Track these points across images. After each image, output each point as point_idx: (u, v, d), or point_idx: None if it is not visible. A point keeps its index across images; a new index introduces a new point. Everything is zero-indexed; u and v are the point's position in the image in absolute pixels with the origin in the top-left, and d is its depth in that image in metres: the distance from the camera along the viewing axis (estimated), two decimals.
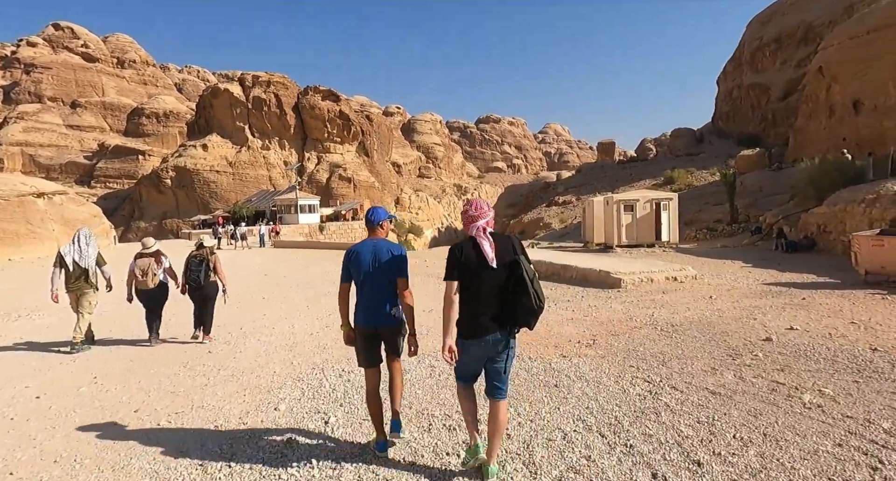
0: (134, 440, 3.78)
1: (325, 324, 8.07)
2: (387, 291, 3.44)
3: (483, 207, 3.11)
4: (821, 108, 30.74)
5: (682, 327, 7.01)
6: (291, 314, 9.24)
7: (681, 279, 11.52)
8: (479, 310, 2.97)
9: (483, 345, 2.98)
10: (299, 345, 6.73)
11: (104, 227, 29.05)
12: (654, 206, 20.85)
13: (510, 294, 2.94)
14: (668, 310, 8.36)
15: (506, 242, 3.05)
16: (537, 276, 3.04)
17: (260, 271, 17.87)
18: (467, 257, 2.98)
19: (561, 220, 42.98)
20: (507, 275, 2.95)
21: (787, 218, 19.63)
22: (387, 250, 3.49)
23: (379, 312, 3.42)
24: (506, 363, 3.08)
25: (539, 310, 2.95)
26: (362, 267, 3.43)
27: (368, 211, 3.72)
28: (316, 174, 61.15)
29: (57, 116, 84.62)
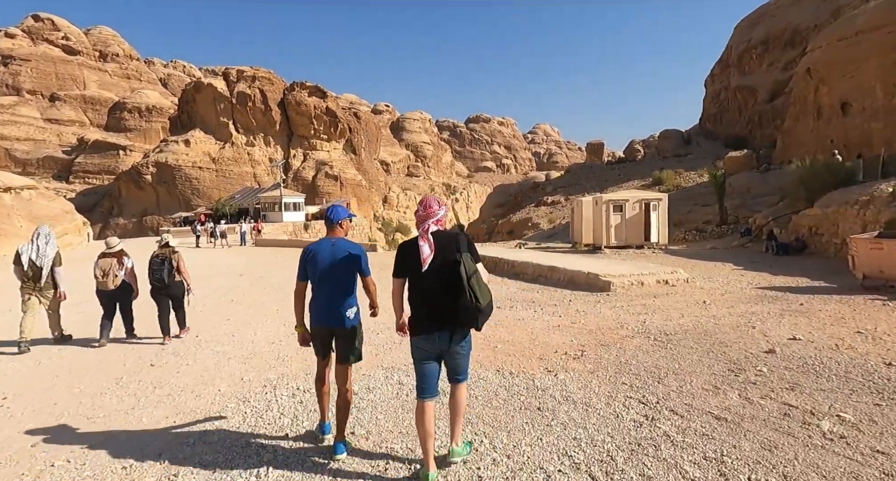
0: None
1: (291, 331, 7.39)
2: (344, 291, 3.38)
3: (433, 206, 3.09)
4: (808, 110, 30.68)
5: (677, 336, 6.47)
6: (257, 319, 8.54)
7: (672, 282, 11.04)
8: (424, 307, 3.00)
9: (432, 342, 3.00)
10: (256, 356, 6.05)
11: (76, 224, 27.92)
12: (643, 207, 20.44)
13: (450, 293, 2.91)
14: (660, 317, 7.84)
15: (449, 240, 3.02)
16: (479, 274, 2.98)
17: (235, 271, 17.10)
18: (411, 255, 3.01)
19: (549, 220, 42.61)
20: (447, 272, 2.93)
21: (777, 219, 19.34)
22: (345, 250, 3.41)
23: (335, 313, 3.36)
24: (461, 359, 3.10)
25: (477, 309, 2.88)
26: (319, 266, 3.36)
27: (328, 209, 3.64)
28: (302, 171, 60.05)
29: (34, 109, 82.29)
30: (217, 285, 13.38)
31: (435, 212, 3.08)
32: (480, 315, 2.93)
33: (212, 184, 56.22)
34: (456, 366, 3.11)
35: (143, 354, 6.33)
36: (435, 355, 3.05)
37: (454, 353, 3.06)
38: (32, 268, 6.58)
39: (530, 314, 8.56)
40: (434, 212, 3.08)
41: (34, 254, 6.60)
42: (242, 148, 58.86)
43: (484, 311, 2.94)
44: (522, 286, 12.07)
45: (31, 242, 6.69)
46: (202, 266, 19.39)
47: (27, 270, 6.57)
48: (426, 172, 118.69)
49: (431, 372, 3.07)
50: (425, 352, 3.05)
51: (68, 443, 3.60)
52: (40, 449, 3.55)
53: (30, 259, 6.57)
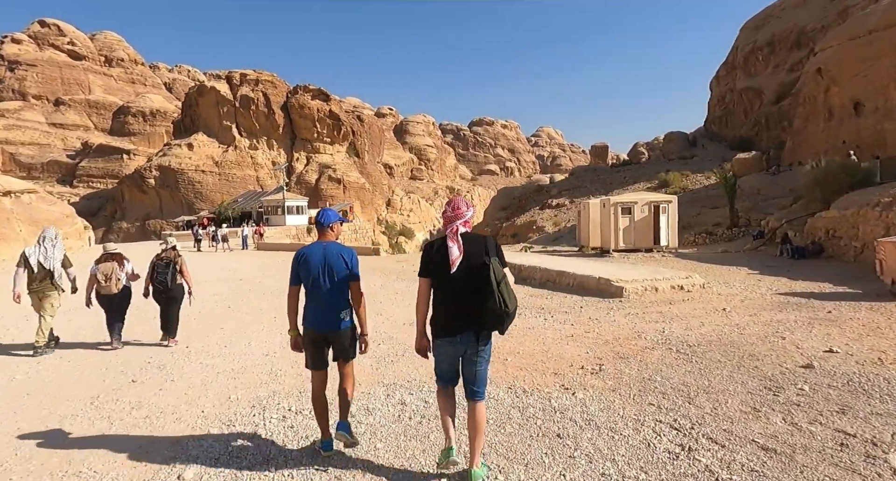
0: None
1: (287, 341, 6.97)
2: (337, 295, 3.39)
3: (461, 207, 3.06)
4: (819, 111, 30.14)
5: (701, 348, 5.99)
6: (253, 327, 8.11)
7: (687, 288, 10.55)
8: (448, 309, 2.98)
9: (454, 345, 2.99)
10: (248, 371, 5.61)
11: (77, 228, 27.66)
12: (652, 209, 19.94)
13: (477, 296, 2.89)
14: (679, 326, 7.36)
15: (478, 243, 3.00)
16: (507, 279, 2.95)
17: (236, 276, 16.70)
18: (438, 256, 2.97)
19: (554, 223, 42.11)
20: (475, 275, 2.92)
21: (790, 222, 18.79)
22: (337, 254, 3.41)
23: (328, 316, 3.37)
24: (480, 365, 3.05)
25: (505, 314, 2.87)
26: (311, 270, 3.36)
27: (318, 213, 3.61)
28: (305, 175, 59.78)
29: (39, 114, 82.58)
30: (215, 290, 12.97)
31: (463, 213, 3.04)
32: (507, 319, 2.92)
33: (215, 188, 56.00)
34: (475, 374, 3.06)
35: (128, 367, 5.91)
36: (456, 357, 3.06)
37: (475, 357, 3.03)
38: (41, 271, 6.57)
39: (540, 322, 8.09)
40: (462, 213, 3.04)
41: (42, 257, 6.58)
42: (245, 151, 58.68)
43: (510, 316, 2.92)
44: (530, 291, 11.60)
45: (37, 245, 6.68)
46: (202, 270, 19.00)
47: (36, 273, 6.55)
48: (430, 175, 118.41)
49: (451, 371, 3.10)
50: (447, 354, 3.05)
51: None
52: None
53: (38, 261, 6.56)
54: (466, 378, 3.08)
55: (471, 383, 3.07)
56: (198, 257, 24.80)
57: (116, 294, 6.76)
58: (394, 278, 15.00)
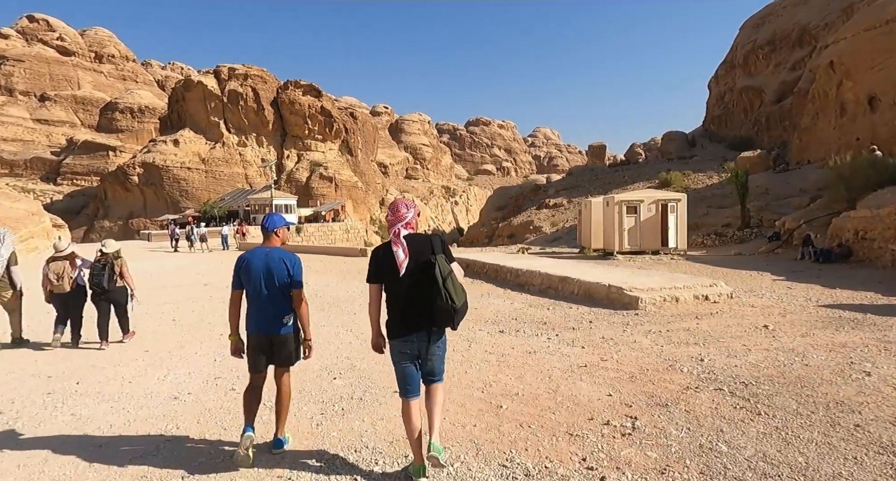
0: None
1: (218, 374, 5.38)
2: (278, 300, 3.36)
3: (401, 210, 3.07)
4: (830, 106, 28.77)
5: (763, 389, 4.45)
6: (186, 350, 6.52)
7: (713, 298, 9.02)
8: (400, 310, 3.00)
9: (408, 344, 3.01)
10: (133, 425, 4.01)
11: (44, 227, 25.87)
12: (660, 208, 18.44)
13: (427, 295, 2.91)
14: (719, 351, 5.83)
15: (423, 243, 3.02)
16: (454, 275, 2.97)
17: (202, 280, 15.09)
18: (385, 260, 3.01)
19: (552, 224, 40.66)
20: (423, 275, 2.93)
21: (809, 223, 17.34)
22: (279, 259, 3.39)
23: (270, 321, 3.35)
24: (435, 363, 3.10)
25: (454, 310, 2.89)
26: (252, 275, 3.35)
27: (264, 217, 3.61)
28: (295, 173, 58.00)
29: (24, 110, 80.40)
30: (170, 298, 11.36)
31: (404, 215, 3.06)
32: (456, 315, 2.94)
33: (201, 186, 54.10)
34: (432, 368, 3.11)
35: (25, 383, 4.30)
36: (413, 357, 3.06)
37: (431, 355, 3.07)
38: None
39: (543, 343, 6.55)
40: (403, 216, 3.06)
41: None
42: (234, 148, 56.81)
43: (459, 312, 2.94)
44: (529, 300, 10.07)
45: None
46: (167, 273, 17.38)
47: None
48: (425, 175, 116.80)
49: (412, 373, 3.09)
50: (404, 354, 3.05)
51: None
52: None
53: None
54: (424, 371, 3.11)
55: (429, 374, 3.11)
56: (171, 259, 23.14)
57: (70, 292, 6.75)
58: None
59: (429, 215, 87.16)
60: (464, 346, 6.49)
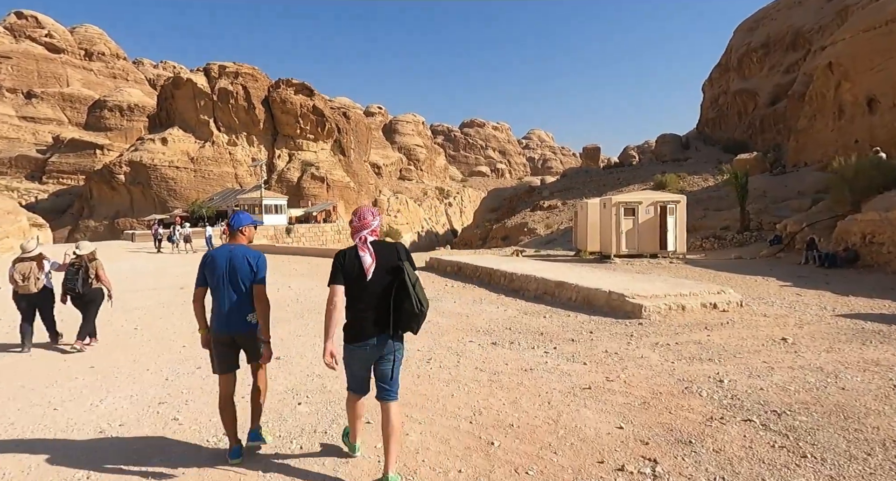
0: None
1: (163, 398, 4.63)
2: (242, 298, 3.37)
3: (367, 217, 3.12)
4: (828, 108, 28.42)
5: (800, 420, 3.80)
6: (138, 367, 5.77)
7: (722, 306, 8.40)
8: (361, 314, 3.01)
9: (366, 349, 3.03)
10: (29, 476, 3.27)
11: (21, 226, 24.92)
12: (658, 210, 17.87)
13: (393, 299, 2.98)
14: (738, 369, 5.19)
15: (389, 250, 3.09)
16: (420, 281, 3.05)
17: (179, 283, 14.27)
18: (350, 264, 3.02)
19: (546, 226, 40.10)
20: (389, 280, 3.00)
21: (812, 226, 16.83)
22: (242, 256, 3.39)
23: (233, 319, 3.36)
24: (392, 366, 3.10)
25: (421, 314, 2.98)
26: (216, 272, 3.37)
27: (231, 216, 3.66)
28: (286, 172, 57.03)
29: (9, 107, 78.71)
30: (138, 304, 10.58)
31: (370, 222, 3.10)
32: (422, 318, 3.01)
33: (190, 185, 52.97)
34: (388, 374, 3.09)
35: None
36: (370, 362, 3.08)
37: (388, 358, 3.07)
38: None
39: (540, 358, 5.89)
40: (369, 223, 3.10)
41: None
42: (224, 147, 55.73)
43: (424, 315, 3.01)
44: (524, 307, 9.41)
45: None
46: (144, 276, 16.55)
47: None
48: (419, 176, 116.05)
49: (363, 376, 3.13)
50: (362, 359, 3.07)
51: None
52: None
53: None
54: (379, 378, 3.10)
55: (383, 383, 3.10)
56: (152, 260, 22.24)
57: (36, 293, 6.62)
58: None
59: (422, 216, 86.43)
60: (452, 362, 5.81)
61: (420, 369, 5.54)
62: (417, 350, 6.44)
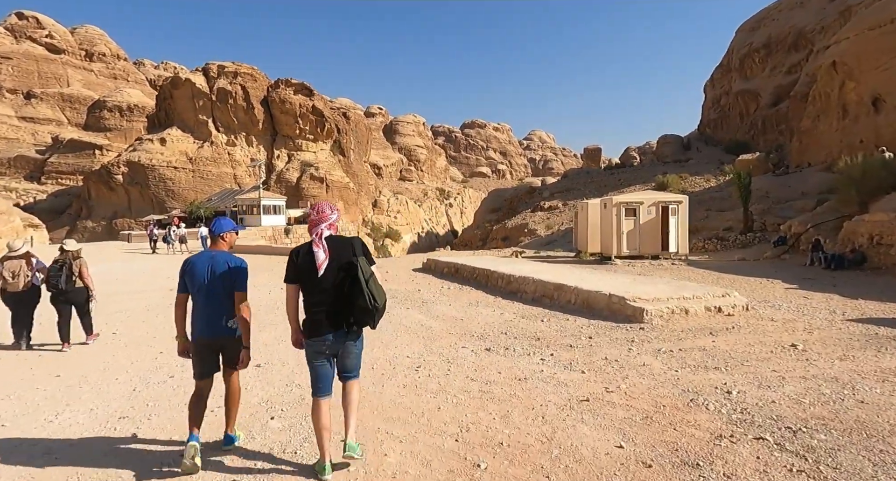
0: None
1: (125, 413, 4.29)
2: (222, 303, 3.37)
3: (325, 211, 3.14)
4: (832, 108, 28.04)
5: (817, 436, 3.46)
6: (106, 376, 5.43)
7: (727, 310, 8.05)
8: (318, 310, 3.03)
9: (325, 343, 3.05)
10: None
11: (14, 226, 24.65)
12: (660, 210, 17.52)
13: (347, 295, 2.99)
14: (746, 379, 4.84)
15: (345, 245, 3.09)
16: (375, 276, 3.07)
17: (168, 285, 13.94)
18: (305, 261, 3.04)
19: (547, 226, 39.76)
20: (343, 276, 3.00)
21: (817, 226, 16.47)
22: (223, 262, 3.41)
23: (214, 324, 3.37)
24: (352, 360, 3.17)
25: (375, 310, 2.98)
26: (197, 278, 3.37)
27: (212, 221, 3.70)
28: (285, 173, 56.72)
29: (9, 107, 78.52)
30: (123, 306, 10.25)
31: (328, 216, 3.12)
32: (377, 314, 3.02)
33: (188, 186, 52.67)
34: (348, 365, 3.16)
35: None
36: (329, 356, 3.12)
37: (348, 353, 3.13)
38: None
39: (536, 365, 5.55)
40: (327, 217, 3.11)
41: None
42: (223, 147, 55.43)
43: (380, 311, 3.02)
44: (521, 310, 9.08)
45: None
46: (136, 277, 16.25)
47: None
48: (419, 176, 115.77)
49: (326, 372, 3.15)
50: (320, 354, 3.09)
51: None
52: None
53: None
54: (340, 367, 3.17)
55: (345, 370, 3.17)
56: (146, 261, 21.92)
57: (23, 292, 6.63)
58: None
59: (422, 217, 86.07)
60: (442, 370, 5.47)
61: (407, 378, 5.20)
62: (407, 356, 6.12)
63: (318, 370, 3.10)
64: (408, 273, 15.66)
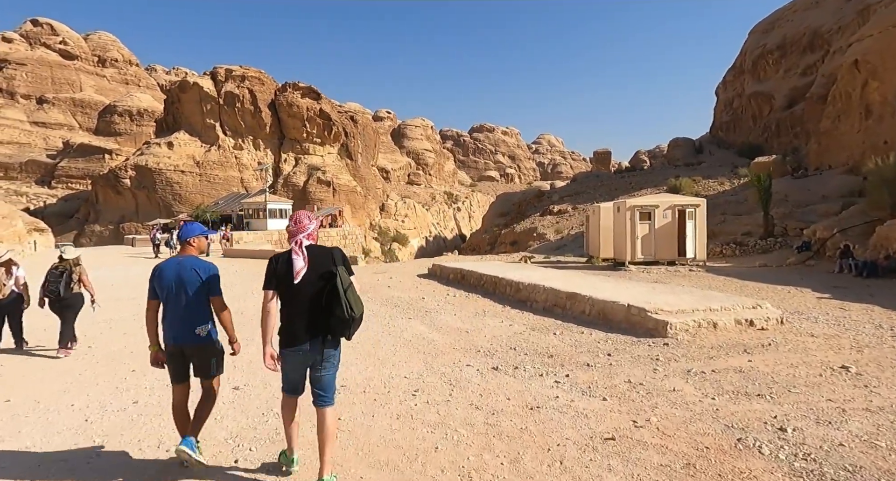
0: None
1: (66, 455, 3.67)
2: (191, 310, 3.31)
3: (303, 221, 3.12)
4: (853, 108, 27.04)
5: None
6: (62, 402, 4.81)
7: (760, 324, 7.29)
8: (294, 319, 3.00)
9: (300, 354, 3.02)
10: None
11: (15, 230, 24.39)
12: (676, 214, 16.73)
13: (324, 304, 2.96)
14: (799, 410, 4.12)
15: (324, 254, 3.07)
16: (353, 286, 3.03)
17: None
18: (283, 269, 3.02)
19: (556, 231, 38.97)
20: (322, 285, 2.98)
21: (844, 231, 15.59)
22: (191, 268, 3.34)
23: (183, 331, 3.30)
24: (329, 371, 3.10)
25: (352, 320, 2.94)
26: (164, 285, 3.31)
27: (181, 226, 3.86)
28: (292, 177, 56.46)
29: (21, 112, 79.35)
30: (110, 315, 9.69)
31: (306, 226, 3.09)
32: (353, 325, 2.98)
33: (195, 190, 52.54)
34: (322, 379, 3.08)
35: None
36: (305, 366, 3.07)
37: (323, 364, 3.07)
38: None
39: (549, 389, 4.86)
40: (305, 227, 3.09)
41: None
42: (230, 151, 55.31)
43: (357, 322, 2.98)
44: (531, 321, 8.40)
45: None
46: (131, 283, 15.73)
47: None
48: (427, 180, 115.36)
49: (299, 381, 3.12)
50: (296, 363, 3.05)
51: None
52: None
53: None
54: (314, 384, 3.09)
55: (318, 388, 3.10)
56: (147, 265, 21.50)
57: (3, 300, 6.64)
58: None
59: (430, 221, 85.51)
60: (443, 394, 4.79)
61: (403, 405, 4.53)
62: (405, 376, 5.45)
63: (292, 377, 3.08)
64: (412, 279, 15.02)
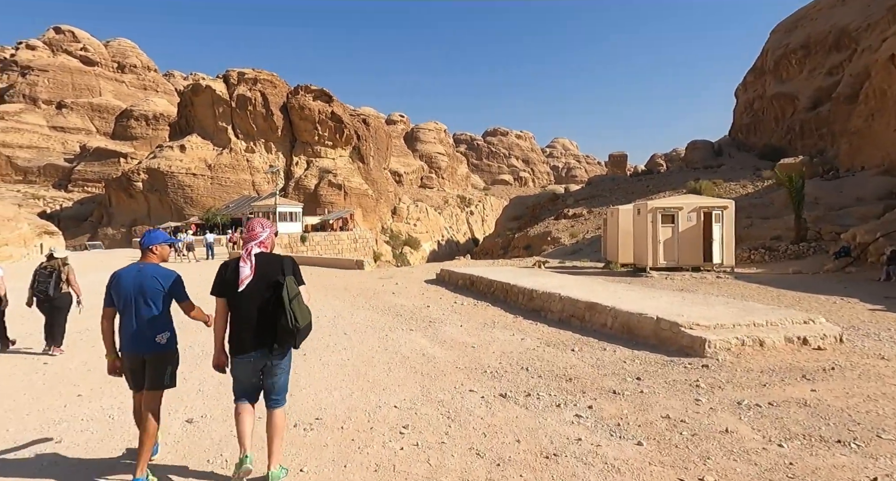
0: None
1: None
2: (151, 318, 3.29)
3: (256, 229, 3.14)
4: (889, 106, 25.56)
5: None
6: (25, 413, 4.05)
7: (815, 342, 6.26)
8: (244, 327, 3.02)
9: (249, 362, 3.04)
10: None
11: (21, 233, 24.15)
12: (702, 217, 15.62)
13: (271, 313, 2.97)
14: None
15: (273, 263, 3.08)
16: (301, 297, 3.04)
17: None
18: (231, 276, 3.03)
19: (571, 235, 37.82)
20: (269, 294, 2.99)
21: (888, 236, 14.33)
22: (151, 276, 3.30)
23: (141, 339, 3.28)
24: (280, 377, 3.13)
25: (296, 330, 2.95)
26: (122, 292, 3.28)
27: (143, 233, 3.63)
28: (304, 180, 56.16)
29: (41, 117, 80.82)
30: (88, 324, 8.95)
31: (259, 234, 3.11)
32: (299, 335, 2.99)
33: (206, 193, 52.50)
34: (273, 384, 3.12)
35: None
36: (254, 373, 3.07)
37: (273, 371, 3.09)
38: None
39: (569, 428, 3.93)
40: (258, 235, 3.11)
41: None
42: (241, 154, 55.23)
43: (302, 332, 3.00)
44: (546, 335, 7.47)
45: None
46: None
47: None
48: (440, 184, 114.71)
49: (250, 388, 3.12)
50: (245, 371, 3.06)
51: None
52: None
53: None
54: (266, 390, 3.12)
55: (270, 393, 3.12)
56: None
57: None
58: (361, 303, 10.99)
59: (443, 225, 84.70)
60: (438, 433, 3.90)
61: (386, 449, 3.64)
62: (395, 406, 4.56)
63: (243, 385, 3.07)
64: (419, 285, 14.15)
